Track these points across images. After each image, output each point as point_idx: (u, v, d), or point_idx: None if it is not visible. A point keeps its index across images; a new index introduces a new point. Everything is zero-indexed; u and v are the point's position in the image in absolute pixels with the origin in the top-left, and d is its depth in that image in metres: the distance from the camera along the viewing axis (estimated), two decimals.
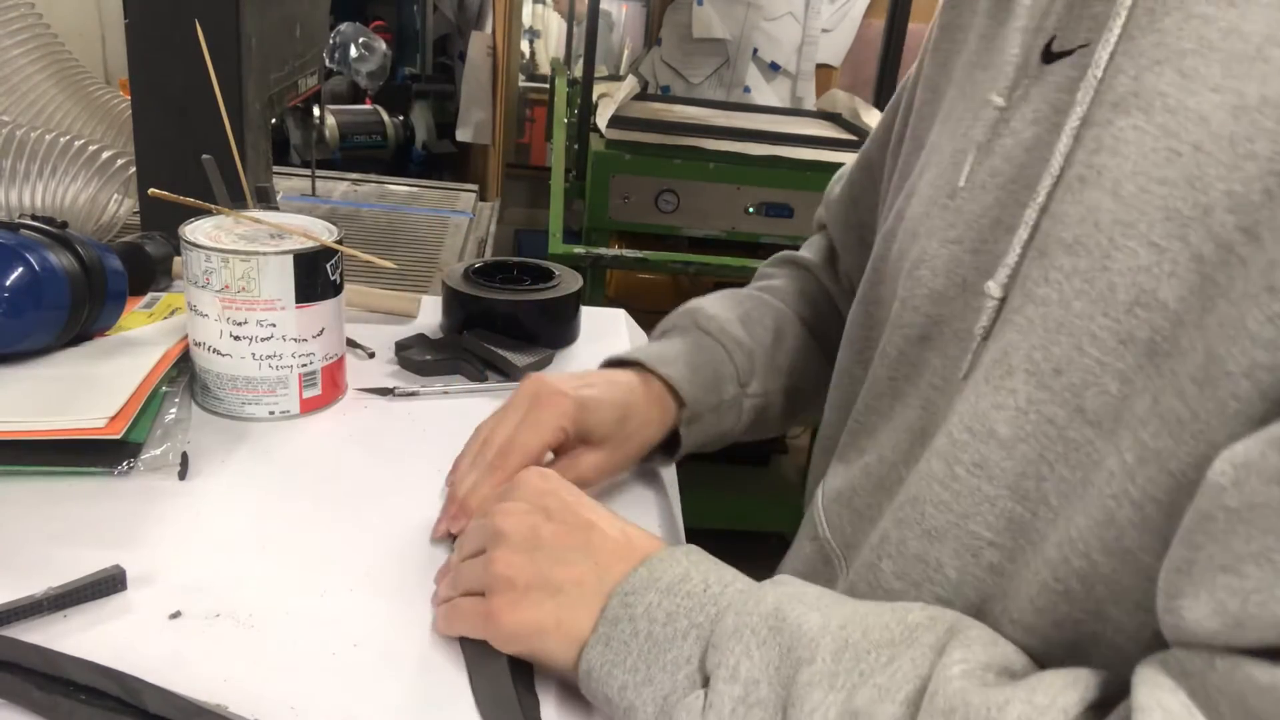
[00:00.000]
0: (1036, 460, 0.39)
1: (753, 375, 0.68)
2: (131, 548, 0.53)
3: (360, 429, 0.69)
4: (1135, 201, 0.36)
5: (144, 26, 0.89)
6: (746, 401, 0.68)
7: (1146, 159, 0.36)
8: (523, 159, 3.41)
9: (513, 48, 3.18)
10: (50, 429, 0.59)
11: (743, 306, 0.72)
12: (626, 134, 1.98)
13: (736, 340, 0.68)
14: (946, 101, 0.53)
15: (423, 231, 1.36)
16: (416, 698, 0.45)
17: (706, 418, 0.66)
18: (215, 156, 0.74)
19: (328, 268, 0.67)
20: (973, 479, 0.41)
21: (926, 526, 0.44)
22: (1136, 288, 0.36)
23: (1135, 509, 0.34)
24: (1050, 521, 0.38)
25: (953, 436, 0.42)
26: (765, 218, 2.01)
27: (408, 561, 0.55)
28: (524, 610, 0.45)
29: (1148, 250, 0.36)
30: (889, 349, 0.51)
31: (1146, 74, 0.37)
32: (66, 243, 0.69)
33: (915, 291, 0.49)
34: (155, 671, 0.43)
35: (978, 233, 0.45)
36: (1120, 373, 0.36)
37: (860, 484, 0.52)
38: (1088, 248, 0.38)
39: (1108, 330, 0.37)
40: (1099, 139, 0.39)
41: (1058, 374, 0.38)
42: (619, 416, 0.61)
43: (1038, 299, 0.39)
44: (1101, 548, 0.36)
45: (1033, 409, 0.39)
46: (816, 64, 3.16)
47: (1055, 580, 0.38)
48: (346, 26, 3.01)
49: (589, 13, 2.08)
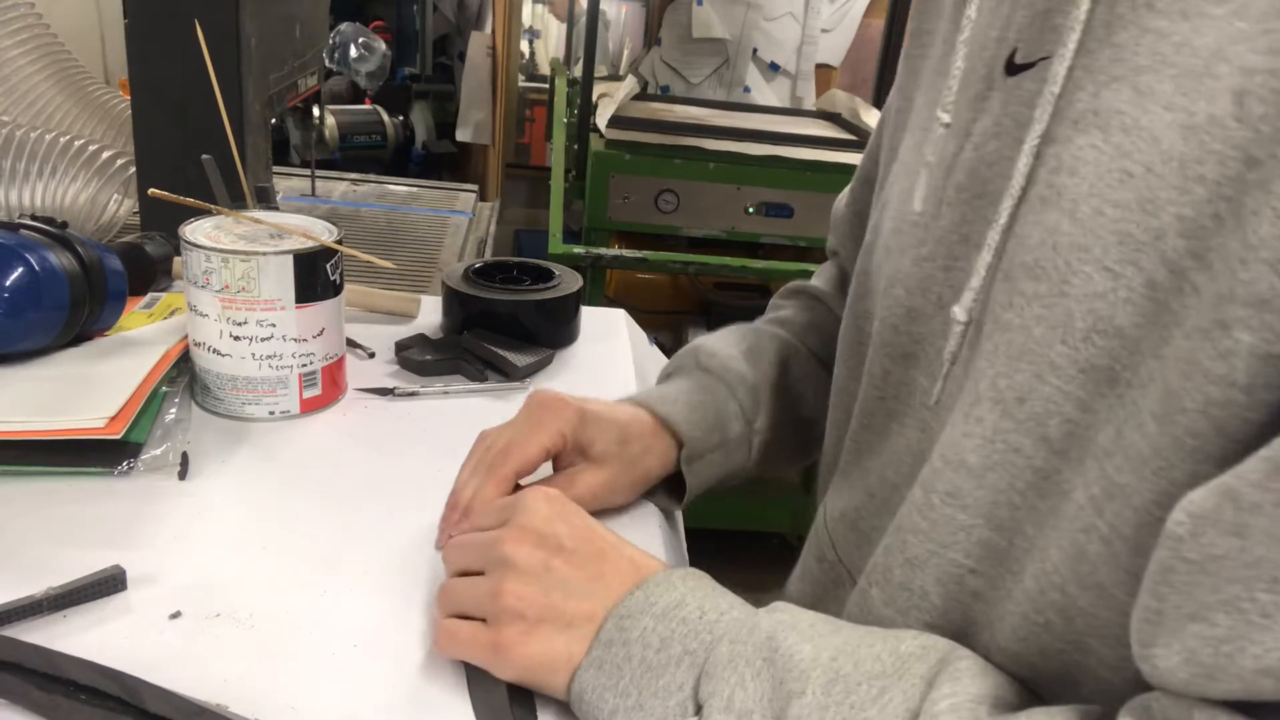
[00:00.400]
0: (1006, 489, 0.38)
1: (759, 411, 0.66)
2: (131, 548, 0.53)
3: (360, 429, 0.69)
4: (1091, 224, 0.35)
5: (144, 26, 0.89)
6: (755, 438, 0.66)
7: (1102, 180, 0.35)
8: (522, 159, 3.41)
9: (512, 48, 3.18)
10: (50, 429, 0.59)
11: (746, 341, 0.69)
12: (626, 134, 1.98)
13: (740, 376, 0.66)
14: (915, 110, 0.52)
15: (422, 231, 1.36)
16: (416, 698, 0.45)
17: (711, 457, 0.63)
18: (215, 156, 0.74)
19: (327, 268, 0.67)
20: (947, 508, 0.41)
21: (908, 555, 0.43)
22: (1093, 315, 0.35)
23: (1104, 544, 0.34)
24: (1027, 551, 0.38)
25: (932, 464, 0.42)
26: (765, 218, 2.01)
27: (408, 561, 0.55)
28: (535, 644, 0.44)
29: (1103, 275, 0.34)
30: (874, 368, 0.50)
31: (1104, 91, 0.36)
32: (66, 243, 0.69)
33: (893, 310, 0.48)
34: (155, 671, 0.43)
35: (947, 249, 0.44)
36: (1081, 401, 0.35)
37: (865, 505, 0.52)
38: (1047, 272, 0.36)
39: (1066, 358, 0.36)
40: (1059, 157, 0.37)
41: (1020, 402, 0.37)
42: (621, 436, 0.59)
43: (1003, 324, 0.38)
44: (1076, 581, 0.35)
45: (999, 438, 0.38)
46: (816, 64, 3.16)
47: (1035, 613, 0.37)
48: (346, 26, 3.01)
49: (588, 13, 2.08)
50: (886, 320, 0.49)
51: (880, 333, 0.49)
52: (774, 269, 1.95)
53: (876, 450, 0.51)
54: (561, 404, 0.58)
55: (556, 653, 0.43)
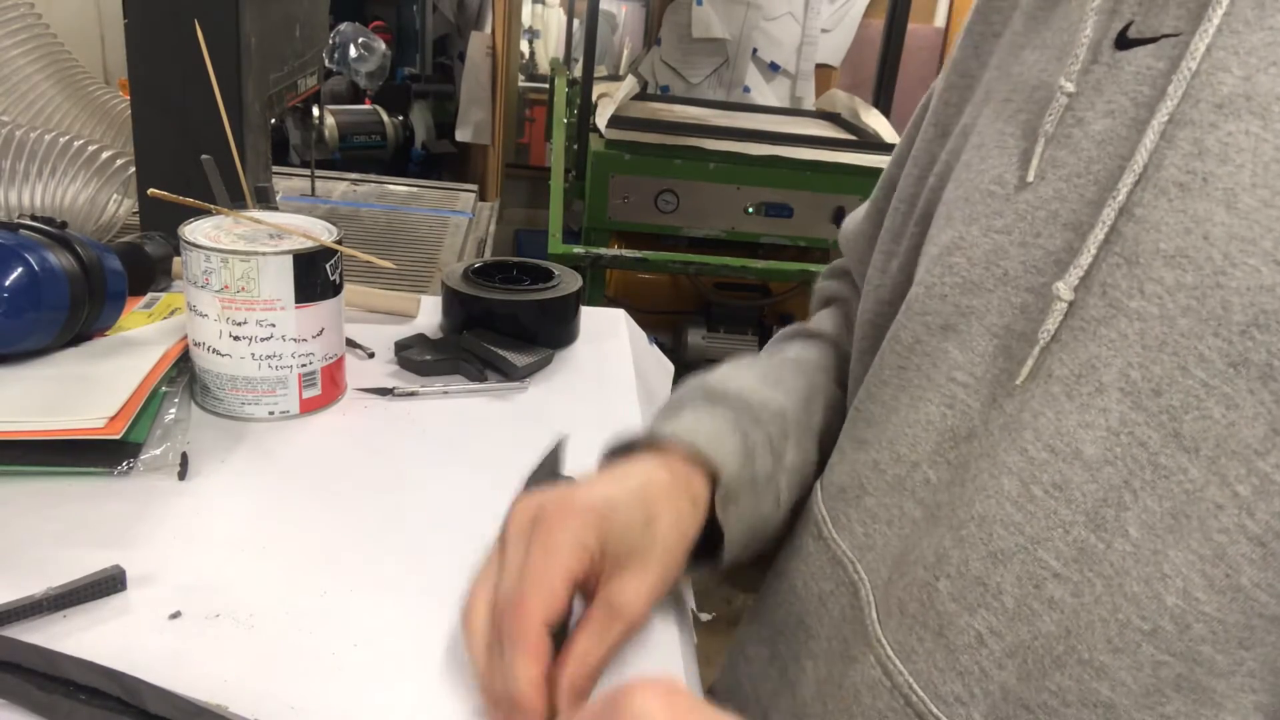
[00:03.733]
0: (1121, 486, 0.37)
1: (787, 440, 0.54)
2: (131, 548, 0.53)
3: (360, 429, 0.69)
4: (1258, 216, 0.34)
5: (144, 26, 0.89)
6: (783, 478, 0.54)
7: (1269, 170, 0.34)
8: (522, 159, 3.41)
9: (512, 48, 3.19)
10: (50, 429, 0.59)
11: (758, 367, 0.60)
12: (626, 134, 1.98)
13: (763, 401, 0.55)
14: (982, 86, 0.50)
15: (422, 231, 1.36)
16: (416, 698, 0.45)
17: (745, 499, 0.50)
18: (215, 156, 0.74)
19: (327, 268, 0.67)
20: (1050, 500, 0.39)
21: (993, 548, 0.40)
22: (1255, 308, 0.34)
23: (1254, 544, 0.33)
24: (1130, 555, 0.36)
25: (1028, 453, 0.40)
26: (765, 218, 2.01)
27: (408, 561, 0.55)
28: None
29: (1272, 268, 0.33)
30: (903, 335, 0.48)
31: (1260, 75, 0.34)
32: (66, 243, 0.69)
33: (945, 279, 0.45)
34: (155, 671, 0.43)
35: (1030, 224, 0.42)
36: (1227, 397, 0.34)
37: (871, 482, 0.49)
38: (1196, 262, 0.35)
39: (1218, 351, 0.34)
40: (1199, 142, 0.36)
41: (1156, 394, 0.36)
42: (645, 518, 0.46)
43: (1131, 312, 0.37)
44: (1206, 584, 0.34)
45: (1125, 430, 0.37)
46: (816, 64, 3.16)
47: (1141, 618, 0.36)
48: (346, 26, 3.02)
49: (589, 13, 2.08)
50: (934, 288, 0.46)
51: (921, 299, 0.47)
52: (774, 269, 1.95)
53: (881, 421, 0.49)
54: (566, 509, 0.43)
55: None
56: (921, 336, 0.47)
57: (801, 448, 0.56)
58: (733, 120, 2.29)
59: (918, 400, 0.46)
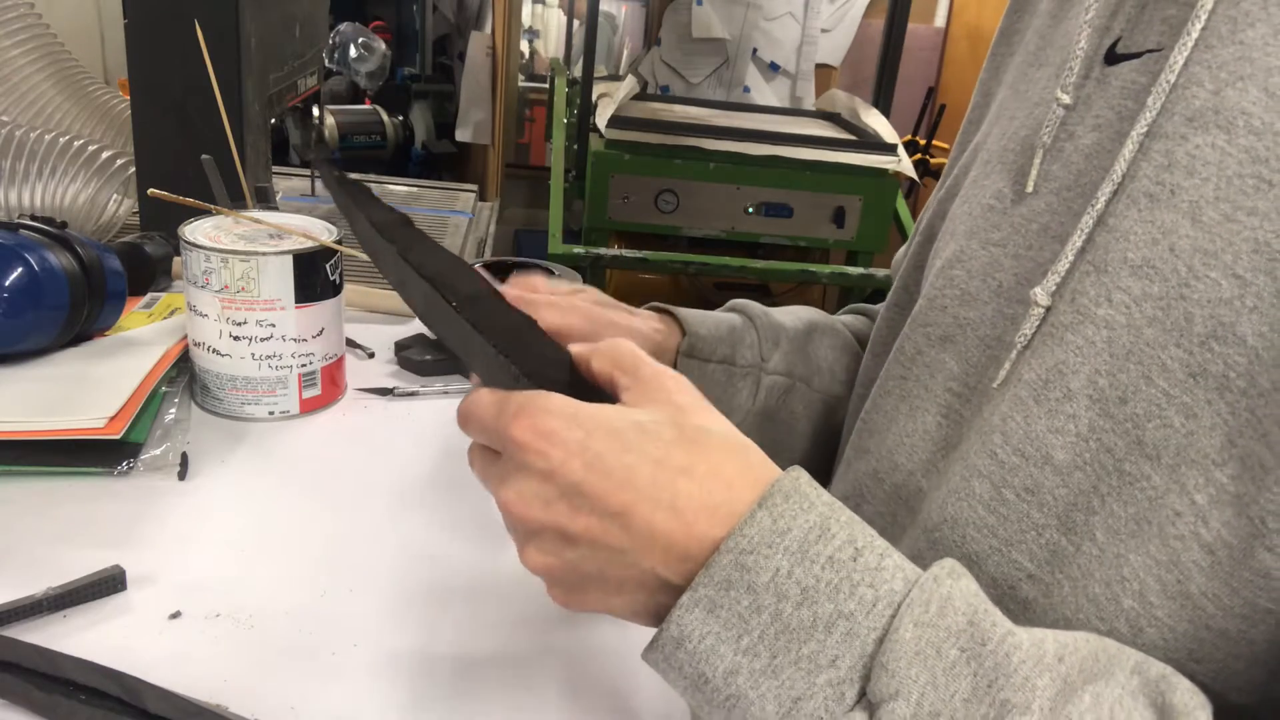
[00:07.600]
0: (1089, 491, 0.37)
1: (776, 351, 0.61)
2: (131, 548, 0.53)
3: (360, 429, 0.69)
4: (1219, 230, 0.34)
5: (143, 26, 0.89)
6: (764, 378, 0.60)
7: (1231, 185, 0.34)
8: (522, 159, 3.41)
9: (512, 48, 3.18)
10: (50, 429, 0.59)
11: (780, 306, 0.66)
12: (626, 134, 1.98)
13: (765, 314, 0.62)
14: (996, 104, 0.51)
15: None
16: (416, 698, 0.45)
17: (713, 369, 0.58)
18: (215, 156, 0.74)
19: (327, 268, 0.67)
20: (1022, 504, 0.39)
21: (967, 550, 0.41)
22: (1214, 320, 0.34)
23: (1205, 552, 0.33)
24: (1096, 558, 0.37)
25: (998, 457, 0.40)
26: (765, 217, 2.01)
27: (408, 561, 0.55)
28: (587, 603, 0.37)
29: (1231, 282, 0.34)
30: (907, 346, 0.49)
31: (1228, 89, 0.35)
32: (66, 243, 0.69)
33: (945, 291, 0.47)
34: (155, 671, 0.43)
35: (1024, 237, 0.43)
36: (1186, 406, 0.35)
37: (870, 490, 0.50)
38: (1162, 273, 0.36)
39: (1179, 362, 0.35)
40: (1170, 154, 0.36)
41: (1123, 402, 0.36)
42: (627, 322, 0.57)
43: (1099, 320, 0.38)
44: (1160, 590, 0.34)
45: (1094, 437, 0.37)
46: (816, 64, 3.16)
47: (1100, 620, 0.36)
48: (346, 26, 3.02)
49: (589, 13, 2.08)
50: (936, 300, 0.47)
51: (925, 312, 0.48)
52: (773, 269, 1.95)
53: (882, 431, 0.50)
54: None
55: (618, 607, 0.37)
56: (923, 348, 0.48)
57: (789, 363, 0.62)
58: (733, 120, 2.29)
59: (916, 410, 0.47)
